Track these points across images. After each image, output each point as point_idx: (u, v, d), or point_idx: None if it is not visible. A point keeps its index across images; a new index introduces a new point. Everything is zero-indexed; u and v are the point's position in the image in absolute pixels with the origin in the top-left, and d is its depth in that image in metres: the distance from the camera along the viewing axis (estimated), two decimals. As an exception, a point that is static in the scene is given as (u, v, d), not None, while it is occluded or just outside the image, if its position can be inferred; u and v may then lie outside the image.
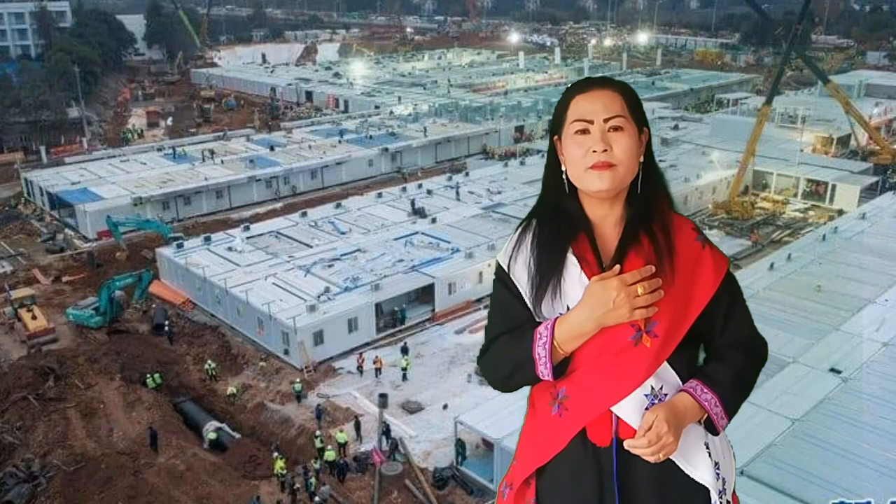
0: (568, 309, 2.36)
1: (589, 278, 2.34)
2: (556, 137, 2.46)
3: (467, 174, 51.07)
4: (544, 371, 2.35)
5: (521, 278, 2.45)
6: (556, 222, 2.45)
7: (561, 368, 2.38)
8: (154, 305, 35.89)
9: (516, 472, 2.56)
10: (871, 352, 25.16)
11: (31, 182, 52.05)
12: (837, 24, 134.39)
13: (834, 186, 47.72)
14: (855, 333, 26.51)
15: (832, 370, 23.96)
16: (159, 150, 59.78)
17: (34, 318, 32.69)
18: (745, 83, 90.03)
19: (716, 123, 60.70)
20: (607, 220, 2.44)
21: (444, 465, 23.86)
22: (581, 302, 2.31)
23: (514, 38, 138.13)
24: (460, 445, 23.63)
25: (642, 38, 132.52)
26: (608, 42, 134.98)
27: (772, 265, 32.90)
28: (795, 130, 56.86)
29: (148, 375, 29.27)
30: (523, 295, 2.45)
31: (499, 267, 2.53)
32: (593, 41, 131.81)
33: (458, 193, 45.49)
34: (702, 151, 52.13)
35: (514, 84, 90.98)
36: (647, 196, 2.42)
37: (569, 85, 2.49)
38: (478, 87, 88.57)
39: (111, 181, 49.58)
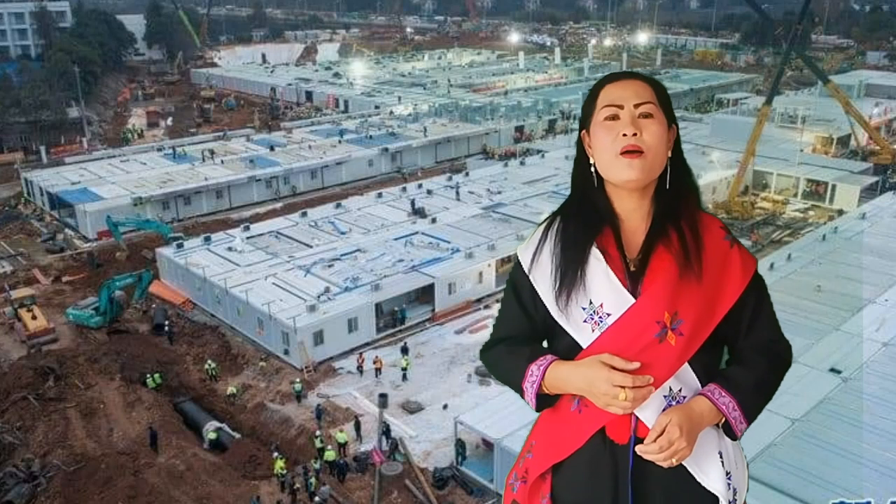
0: (590, 304, 2.35)
1: (613, 271, 2.35)
2: (584, 132, 2.45)
3: (467, 174, 51.02)
4: (528, 403, 2.43)
5: (542, 275, 2.44)
6: (582, 216, 2.44)
7: (546, 402, 2.43)
8: (154, 305, 35.89)
9: (532, 466, 2.54)
10: (871, 352, 25.16)
11: (31, 182, 52.01)
12: (837, 24, 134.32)
13: (834, 186, 47.70)
14: (855, 333, 26.49)
15: (832, 370, 23.95)
16: (159, 150, 59.71)
17: (34, 318, 32.68)
18: (745, 83, 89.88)
19: (716, 123, 60.59)
20: (635, 215, 2.42)
21: (444, 465, 23.86)
22: (577, 364, 2.33)
23: (514, 38, 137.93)
24: (460, 445, 23.64)
25: (642, 38, 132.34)
26: (608, 42, 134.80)
27: (772, 265, 32.83)
28: (795, 130, 56.86)
29: (148, 375, 29.27)
30: (540, 294, 2.44)
31: (517, 263, 2.53)
32: (593, 41, 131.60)
33: (458, 193, 45.45)
34: (702, 151, 52.04)
35: (514, 84, 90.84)
36: (676, 191, 2.41)
37: (597, 80, 2.48)
38: (478, 87, 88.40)
39: (111, 181, 49.54)
